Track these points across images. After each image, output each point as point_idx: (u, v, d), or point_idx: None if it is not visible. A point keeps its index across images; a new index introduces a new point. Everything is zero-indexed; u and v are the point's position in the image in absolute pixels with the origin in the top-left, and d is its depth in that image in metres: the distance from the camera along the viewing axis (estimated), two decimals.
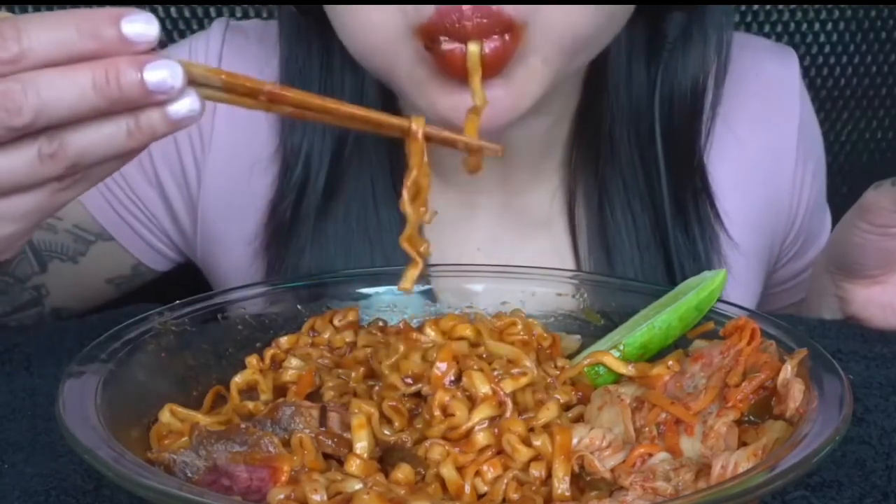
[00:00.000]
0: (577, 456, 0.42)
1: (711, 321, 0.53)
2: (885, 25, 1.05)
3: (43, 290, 0.78)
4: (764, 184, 0.79)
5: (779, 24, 1.04)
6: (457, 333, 0.50)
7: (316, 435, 0.43)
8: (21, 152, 0.43)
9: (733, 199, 0.76)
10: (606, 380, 0.50)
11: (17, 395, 0.55)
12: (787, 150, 0.80)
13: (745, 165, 0.78)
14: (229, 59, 0.77)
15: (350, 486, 0.39)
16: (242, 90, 0.44)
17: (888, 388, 0.55)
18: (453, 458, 0.42)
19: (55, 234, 0.77)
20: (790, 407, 0.42)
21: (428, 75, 0.58)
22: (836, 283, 0.68)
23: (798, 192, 0.81)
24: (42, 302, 0.79)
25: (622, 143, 0.74)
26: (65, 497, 0.44)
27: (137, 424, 0.46)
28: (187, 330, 0.53)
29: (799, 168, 0.80)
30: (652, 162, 0.74)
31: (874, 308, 0.67)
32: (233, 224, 0.77)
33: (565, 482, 0.42)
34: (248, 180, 0.76)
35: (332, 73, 0.73)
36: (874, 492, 0.45)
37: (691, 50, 0.72)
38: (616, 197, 0.74)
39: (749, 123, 0.78)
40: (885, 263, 0.65)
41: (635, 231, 0.74)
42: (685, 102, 0.74)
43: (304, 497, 0.38)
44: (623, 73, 0.73)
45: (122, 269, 0.81)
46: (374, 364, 0.50)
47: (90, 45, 0.41)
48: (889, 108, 1.09)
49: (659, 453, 0.42)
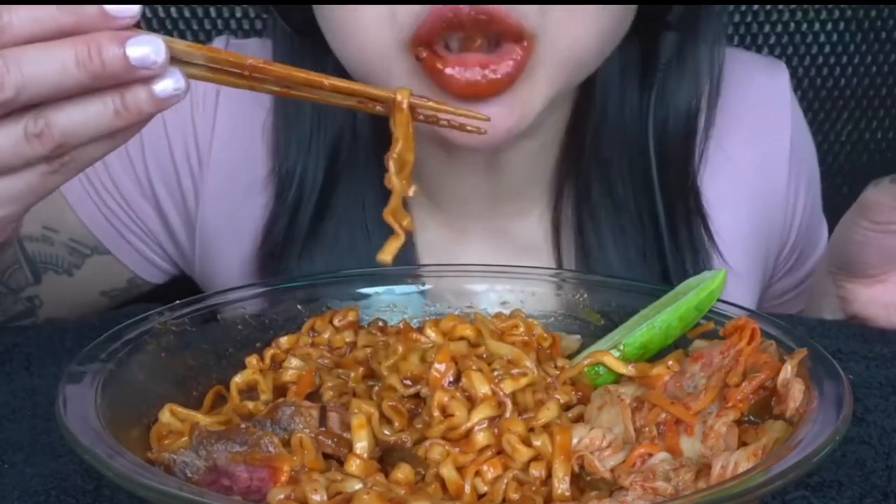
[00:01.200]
0: (577, 456, 0.42)
1: (711, 321, 0.53)
2: (885, 25, 1.05)
3: (37, 301, 0.78)
4: (756, 199, 0.79)
5: (778, 24, 1.04)
6: (457, 334, 0.50)
7: (316, 435, 0.43)
8: (7, 131, 0.43)
9: (725, 219, 0.76)
10: (606, 380, 0.50)
11: (17, 395, 0.55)
12: (779, 163, 0.80)
13: (737, 183, 0.78)
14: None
15: (350, 486, 0.39)
16: (226, 64, 0.44)
17: (888, 388, 0.55)
18: (453, 458, 0.42)
19: (51, 247, 0.77)
20: (790, 407, 0.42)
21: (423, 91, 0.56)
22: (837, 284, 0.68)
23: (792, 205, 0.81)
24: (35, 313, 0.79)
25: (612, 166, 0.73)
26: (65, 497, 0.44)
27: (137, 424, 0.46)
28: (187, 330, 0.53)
29: (792, 181, 0.80)
30: (643, 184, 0.73)
31: (876, 307, 0.66)
32: (230, 243, 0.77)
33: (565, 482, 0.41)
34: (245, 200, 0.76)
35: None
36: (874, 492, 0.45)
37: (685, 73, 0.72)
38: (605, 219, 0.73)
39: (740, 141, 0.78)
40: (886, 261, 0.64)
41: (625, 251, 0.73)
42: (679, 125, 0.74)
43: (304, 497, 0.38)
44: (614, 95, 0.73)
45: (117, 283, 0.81)
46: (373, 364, 0.50)
47: (70, 19, 0.41)
48: (889, 108, 1.09)
49: (659, 453, 0.42)
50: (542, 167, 0.74)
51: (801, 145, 0.82)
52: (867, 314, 0.67)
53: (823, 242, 0.85)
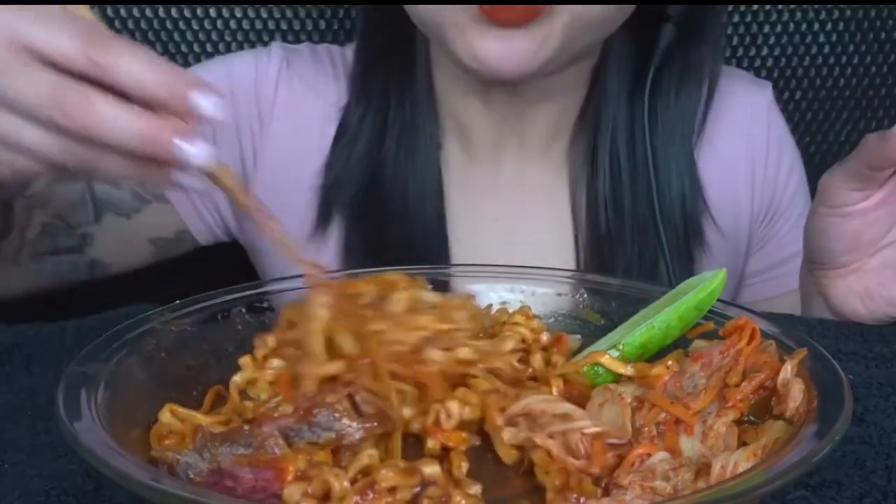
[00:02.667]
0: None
1: (711, 321, 0.53)
2: (885, 25, 1.05)
3: (89, 240, 0.82)
4: (740, 170, 0.87)
5: (778, 24, 1.04)
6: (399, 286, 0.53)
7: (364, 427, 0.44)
8: (55, 82, 0.44)
9: (710, 188, 0.85)
10: (606, 379, 0.50)
11: (17, 395, 0.55)
12: (758, 142, 0.88)
13: (721, 162, 0.86)
14: (287, 78, 0.85)
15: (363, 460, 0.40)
16: None
17: (888, 388, 0.55)
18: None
19: (118, 189, 0.81)
20: (790, 407, 0.42)
21: (470, 19, 0.66)
22: (816, 281, 0.69)
23: (773, 173, 0.88)
24: (83, 250, 0.82)
25: (617, 138, 0.82)
26: (65, 497, 0.44)
27: (137, 424, 0.46)
28: (187, 330, 0.53)
29: (773, 154, 0.88)
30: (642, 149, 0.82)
31: (854, 298, 0.66)
32: (287, 201, 0.83)
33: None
34: (301, 169, 0.83)
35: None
36: (874, 492, 0.45)
37: (688, 70, 0.81)
38: (606, 180, 0.82)
39: (724, 136, 0.87)
40: (851, 247, 0.65)
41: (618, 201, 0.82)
42: (676, 125, 0.82)
43: (321, 492, 0.38)
44: (615, 84, 0.81)
45: (167, 232, 0.86)
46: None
47: (161, 92, 0.45)
48: (889, 108, 1.09)
49: (658, 453, 0.42)
50: (561, 128, 0.84)
51: (779, 135, 0.90)
52: (848, 308, 0.67)
53: (803, 212, 0.89)
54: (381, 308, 0.51)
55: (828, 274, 0.67)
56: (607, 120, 0.81)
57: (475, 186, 0.85)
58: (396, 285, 0.53)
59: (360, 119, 0.82)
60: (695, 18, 0.79)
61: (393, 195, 0.81)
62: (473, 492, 0.40)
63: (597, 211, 0.82)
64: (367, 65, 0.83)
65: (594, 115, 0.82)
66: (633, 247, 0.81)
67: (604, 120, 0.81)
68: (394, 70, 0.82)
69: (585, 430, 0.43)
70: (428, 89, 0.82)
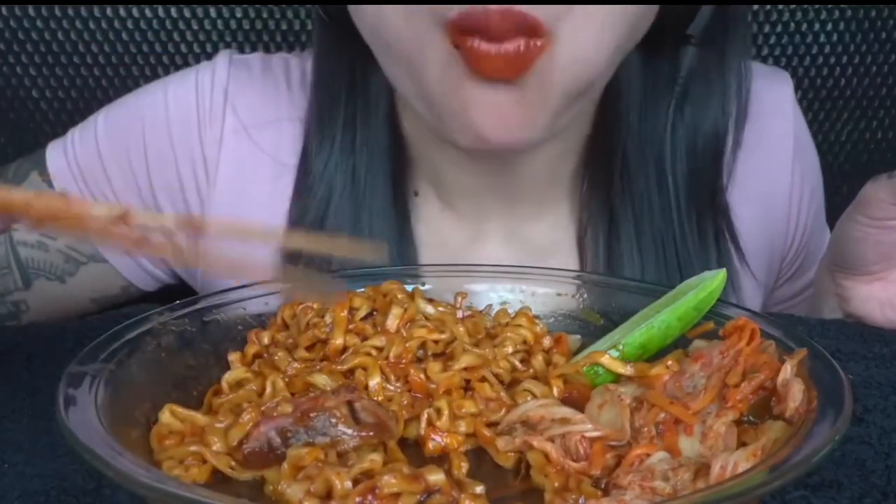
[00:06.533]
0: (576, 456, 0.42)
1: (711, 321, 0.53)
2: (885, 25, 1.05)
3: (22, 306, 0.77)
4: (760, 205, 0.80)
5: (779, 23, 1.04)
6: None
7: (359, 435, 0.43)
8: None
9: (738, 225, 0.77)
10: (605, 379, 0.50)
11: (17, 395, 0.55)
12: (782, 167, 0.81)
13: (742, 190, 0.79)
14: (235, 91, 0.76)
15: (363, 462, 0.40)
16: None
17: (888, 388, 0.55)
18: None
19: (46, 253, 0.76)
20: (790, 407, 0.42)
21: (459, 75, 0.56)
22: (836, 282, 0.68)
23: (797, 208, 0.82)
24: (19, 317, 0.78)
25: (637, 178, 0.73)
26: (65, 497, 0.44)
27: (137, 424, 0.46)
28: (187, 330, 0.53)
29: (796, 185, 0.81)
30: (669, 201, 0.74)
31: (873, 304, 0.67)
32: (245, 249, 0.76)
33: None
34: (254, 214, 0.75)
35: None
36: (874, 492, 0.45)
37: (712, 90, 0.73)
38: (625, 230, 0.73)
39: (744, 151, 0.78)
40: (883, 258, 0.65)
41: (641, 263, 0.73)
42: (707, 145, 0.74)
43: (323, 491, 0.38)
44: (638, 109, 0.73)
45: (110, 290, 0.80)
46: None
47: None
48: (889, 108, 1.09)
49: (657, 453, 0.42)
50: (560, 175, 0.75)
51: (804, 151, 0.83)
52: (863, 311, 0.67)
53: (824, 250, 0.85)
54: (379, 323, 0.52)
55: (851, 277, 0.67)
56: (635, 162, 0.72)
57: (458, 243, 0.76)
58: (392, 296, 0.53)
59: (322, 167, 0.73)
60: (716, 39, 0.71)
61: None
62: (478, 492, 0.40)
63: (611, 266, 0.72)
64: (325, 101, 0.74)
65: (607, 150, 0.72)
66: None
67: (624, 152, 0.71)
68: (356, 109, 0.73)
69: (585, 434, 0.43)
70: (391, 134, 0.73)
